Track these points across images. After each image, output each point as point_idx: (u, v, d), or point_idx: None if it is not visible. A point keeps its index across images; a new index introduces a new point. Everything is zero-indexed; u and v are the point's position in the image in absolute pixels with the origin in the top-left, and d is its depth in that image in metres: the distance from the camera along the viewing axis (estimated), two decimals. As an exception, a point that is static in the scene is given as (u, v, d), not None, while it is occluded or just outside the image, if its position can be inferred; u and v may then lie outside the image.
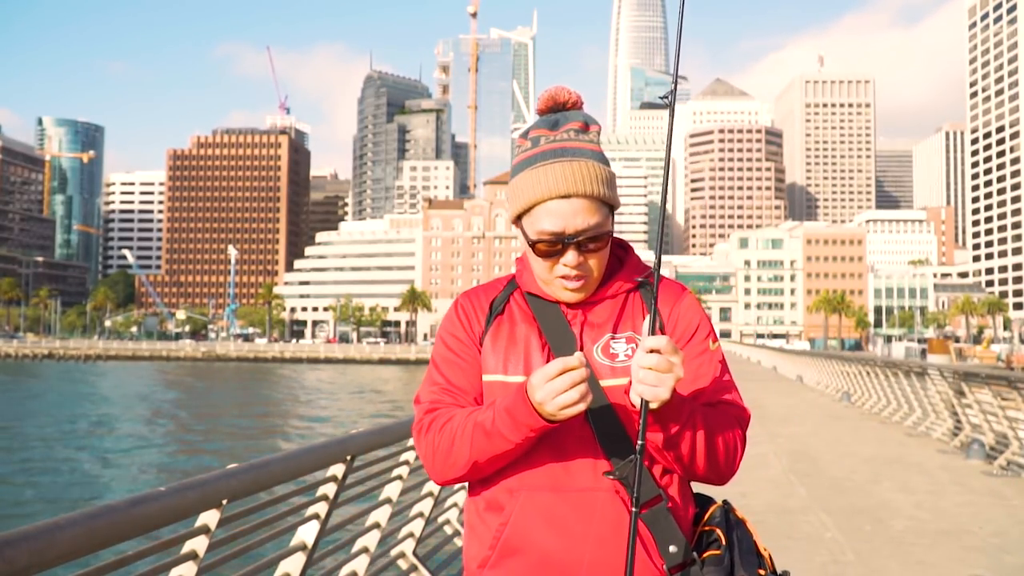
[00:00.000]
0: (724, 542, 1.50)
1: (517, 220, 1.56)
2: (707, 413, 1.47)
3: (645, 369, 1.33)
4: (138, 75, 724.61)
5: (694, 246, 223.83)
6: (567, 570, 1.44)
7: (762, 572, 1.50)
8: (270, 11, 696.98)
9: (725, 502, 1.58)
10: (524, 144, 1.58)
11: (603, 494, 1.45)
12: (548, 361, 1.50)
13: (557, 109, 1.58)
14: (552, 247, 1.50)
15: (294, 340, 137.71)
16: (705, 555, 1.48)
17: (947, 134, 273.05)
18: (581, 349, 1.53)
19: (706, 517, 1.55)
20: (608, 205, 1.52)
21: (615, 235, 1.61)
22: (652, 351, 1.33)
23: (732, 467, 1.51)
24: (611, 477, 1.40)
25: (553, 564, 1.45)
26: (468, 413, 1.48)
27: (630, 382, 1.37)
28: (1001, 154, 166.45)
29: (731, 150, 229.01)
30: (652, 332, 1.40)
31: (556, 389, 1.31)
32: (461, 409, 1.51)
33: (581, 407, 1.33)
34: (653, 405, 1.34)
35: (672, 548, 1.45)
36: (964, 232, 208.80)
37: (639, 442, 1.37)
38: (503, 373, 1.54)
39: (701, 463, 1.46)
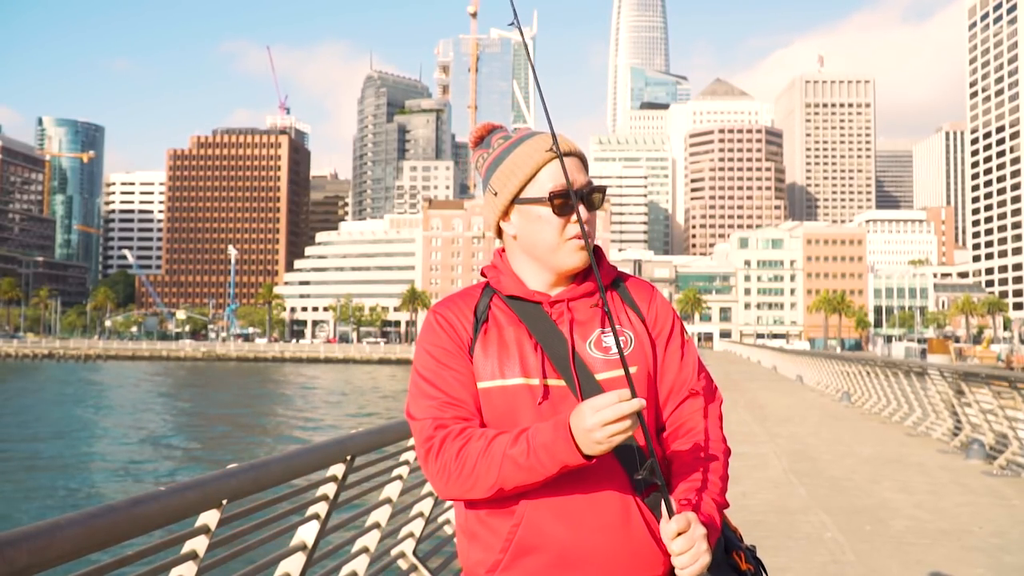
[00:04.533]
0: None
1: (510, 205, 1.62)
2: (720, 484, 1.57)
3: (680, 555, 1.37)
4: (141, 73, 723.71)
5: (694, 246, 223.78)
6: (582, 562, 1.49)
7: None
8: (275, 9, 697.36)
9: None
10: (485, 152, 1.67)
11: (608, 484, 1.51)
12: (543, 361, 1.56)
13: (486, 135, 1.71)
14: (567, 202, 1.57)
15: (294, 340, 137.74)
16: None
17: (947, 134, 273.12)
18: (572, 346, 1.57)
19: None
20: None
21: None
22: (679, 534, 1.38)
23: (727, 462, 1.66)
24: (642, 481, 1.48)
25: (569, 557, 1.49)
26: (488, 440, 1.47)
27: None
28: (1001, 154, 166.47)
29: (731, 150, 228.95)
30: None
31: (607, 418, 1.32)
32: (473, 430, 1.51)
33: (626, 436, 1.35)
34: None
35: None
36: (964, 232, 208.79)
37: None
38: (501, 378, 1.55)
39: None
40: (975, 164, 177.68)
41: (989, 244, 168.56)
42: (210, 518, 2.12)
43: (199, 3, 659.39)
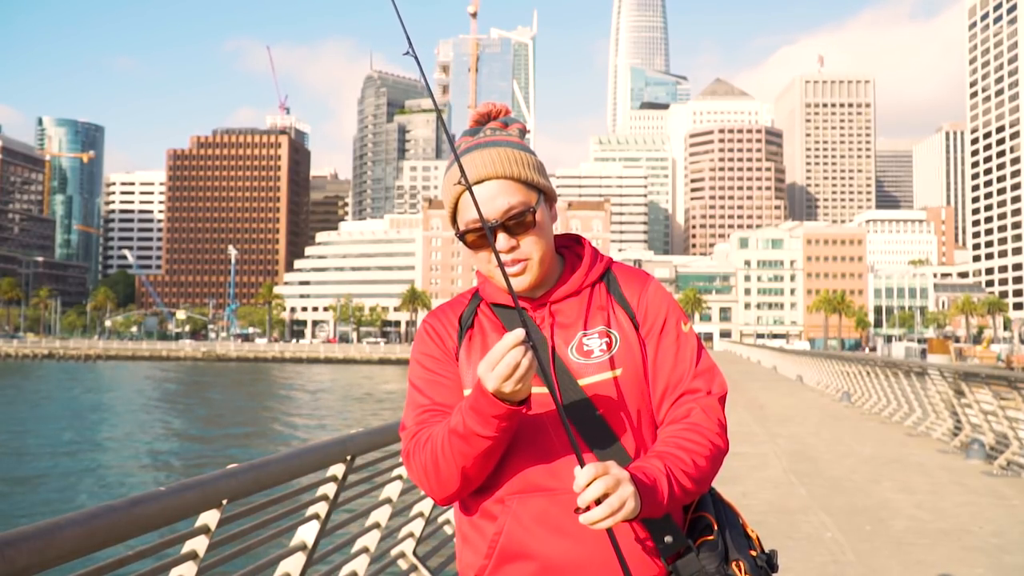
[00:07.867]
0: (716, 526, 1.52)
1: (455, 226, 1.57)
2: (685, 458, 1.44)
3: (597, 509, 1.26)
4: (142, 72, 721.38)
5: (694, 246, 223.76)
6: (567, 571, 1.45)
7: (753, 553, 1.53)
8: (278, 7, 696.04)
9: (711, 487, 1.58)
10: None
11: None
12: None
13: (484, 122, 1.63)
14: (480, 236, 1.51)
15: (294, 340, 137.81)
16: (699, 541, 1.49)
17: (947, 134, 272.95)
18: (553, 350, 1.53)
19: (695, 503, 1.55)
20: (534, 187, 1.54)
21: (581, 234, 1.68)
22: (588, 483, 1.26)
23: (723, 458, 1.52)
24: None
25: (553, 567, 1.45)
26: (443, 425, 1.45)
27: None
28: (1001, 154, 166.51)
29: (731, 150, 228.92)
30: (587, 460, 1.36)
31: (502, 375, 1.29)
32: (435, 427, 1.49)
33: (528, 380, 1.31)
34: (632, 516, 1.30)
35: (667, 538, 1.44)
36: (964, 232, 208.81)
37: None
38: None
39: (704, 488, 1.49)
40: (975, 164, 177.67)
41: (989, 244, 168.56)
42: (210, 518, 2.11)
43: (201, 1, 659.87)
